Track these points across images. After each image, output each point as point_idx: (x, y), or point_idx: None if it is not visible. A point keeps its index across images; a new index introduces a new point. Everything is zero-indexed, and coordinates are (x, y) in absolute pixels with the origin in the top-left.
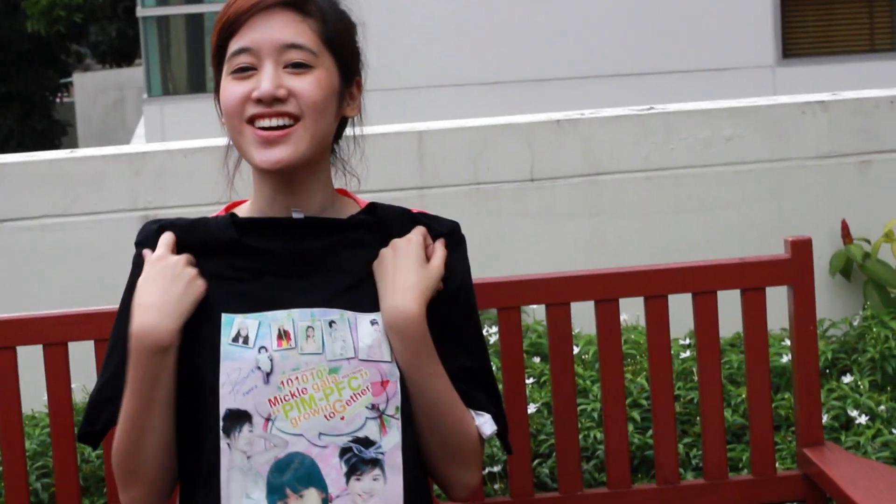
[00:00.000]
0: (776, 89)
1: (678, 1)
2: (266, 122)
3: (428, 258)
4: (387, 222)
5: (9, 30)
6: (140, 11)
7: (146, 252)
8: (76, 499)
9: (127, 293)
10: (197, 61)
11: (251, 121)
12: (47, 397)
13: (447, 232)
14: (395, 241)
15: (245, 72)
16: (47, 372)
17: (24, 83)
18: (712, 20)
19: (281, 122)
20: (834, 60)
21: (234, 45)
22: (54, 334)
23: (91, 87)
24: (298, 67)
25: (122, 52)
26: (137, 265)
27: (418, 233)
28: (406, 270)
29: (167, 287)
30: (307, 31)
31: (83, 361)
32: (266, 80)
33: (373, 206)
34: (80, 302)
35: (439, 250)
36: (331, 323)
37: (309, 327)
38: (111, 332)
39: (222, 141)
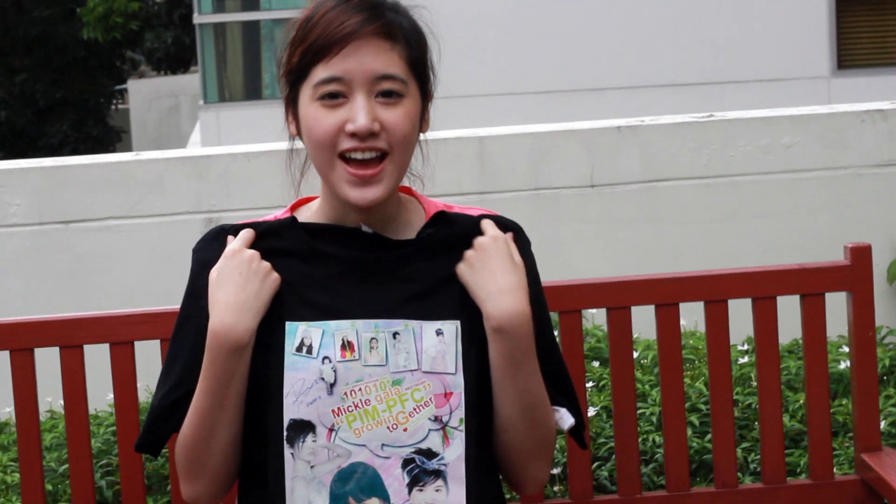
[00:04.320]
0: (831, 100)
1: (734, 11)
2: (359, 156)
3: None
4: (454, 234)
5: (65, 36)
6: (197, 18)
7: (229, 238)
8: (141, 497)
9: (189, 299)
10: (253, 68)
11: (342, 153)
12: (113, 396)
13: (516, 233)
14: (481, 242)
15: (335, 99)
16: (114, 371)
17: (79, 89)
18: (768, 31)
19: (373, 154)
20: (889, 71)
21: (322, 72)
22: (121, 333)
23: (146, 94)
24: (390, 97)
25: (177, 59)
26: (197, 272)
27: (496, 230)
28: (505, 271)
29: (243, 284)
30: (396, 59)
31: (149, 361)
32: (362, 115)
33: (439, 217)
34: (144, 303)
35: (514, 246)
36: (395, 334)
37: (373, 338)
38: (172, 338)
39: (285, 145)
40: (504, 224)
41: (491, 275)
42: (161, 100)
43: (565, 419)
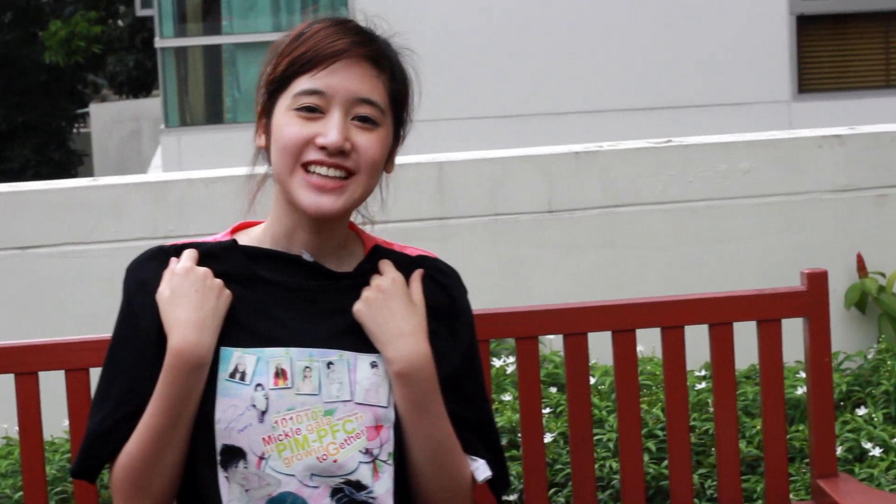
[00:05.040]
0: (792, 124)
1: (694, 36)
2: (323, 171)
3: None
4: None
5: (26, 59)
6: (158, 42)
7: (172, 260)
8: None
9: (126, 320)
10: (214, 92)
11: (306, 165)
12: (69, 422)
13: (452, 279)
14: (379, 283)
15: (312, 112)
16: (69, 397)
17: (40, 113)
18: (728, 55)
19: (337, 173)
20: (849, 96)
21: (305, 83)
22: (76, 360)
23: (107, 118)
24: (366, 122)
25: (139, 83)
26: (134, 291)
27: (395, 271)
28: (405, 312)
29: (201, 301)
30: (380, 87)
31: None
32: (335, 131)
33: (375, 251)
34: (100, 329)
35: (416, 287)
36: (329, 364)
37: (306, 367)
38: (107, 360)
39: (243, 171)
40: (439, 268)
41: (391, 316)
42: (123, 123)
43: (481, 470)
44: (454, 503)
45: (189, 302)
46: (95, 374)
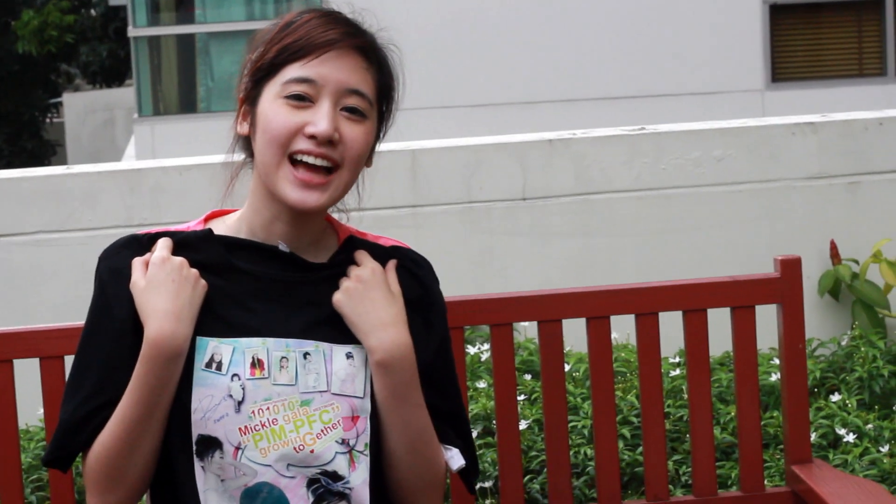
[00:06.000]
0: (765, 113)
1: (667, 25)
2: (310, 160)
3: None
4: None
5: None
6: (131, 31)
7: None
8: None
9: (99, 310)
10: (188, 82)
11: (293, 155)
12: (43, 410)
13: (424, 268)
14: (359, 273)
15: (301, 101)
16: (44, 386)
17: (13, 103)
18: (702, 44)
19: (323, 163)
20: (823, 85)
21: (295, 71)
22: (51, 348)
23: (81, 107)
24: (354, 114)
25: (112, 73)
26: (108, 280)
27: (373, 262)
28: (385, 302)
29: (177, 291)
30: (369, 80)
31: None
32: (325, 120)
33: (349, 242)
34: (75, 317)
35: (392, 278)
36: (305, 354)
37: (283, 357)
38: (80, 349)
39: (218, 158)
40: (412, 258)
41: (372, 305)
42: (96, 113)
43: (455, 459)
44: (429, 492)
45: (166, 291)
46: (70, 362)
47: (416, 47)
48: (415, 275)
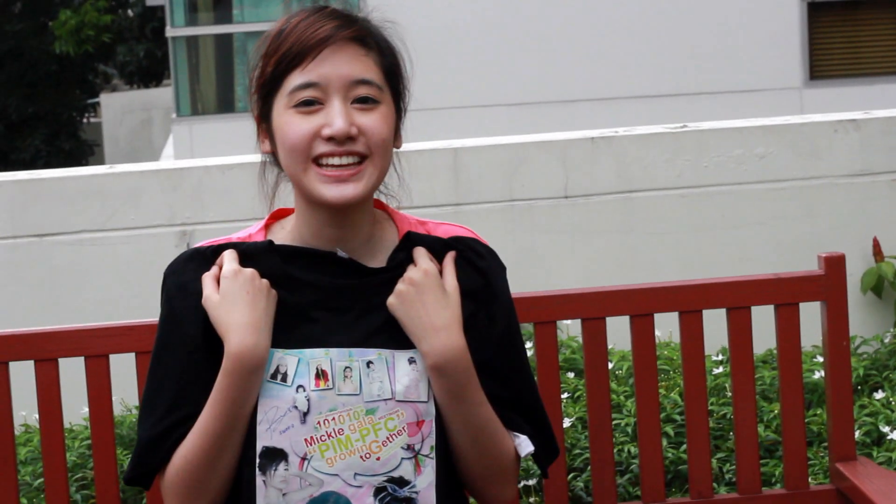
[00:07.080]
0: (803, 110)
1: (706, 23)
2: (336, 161)
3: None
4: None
5: (37, 50)
6: (169, 31)
7: (213, 270)
8: None
9: (169, 325)
10: (225, 81)
11: (317, 159)
12: (88, 409)
13: (488, 260)
14: (411, 276)
15: (310, 106)
16: (89, 384)
17: (51, 103)
18: (740, 42)
19: (350, 160)
20: (861, 82)
21: (297, 79)
22: (96, 346)
23: (118, 108)
24: (366, 103)
25: (149, 73)
26: (174, 295)
27: (428, 262)
28: (438, 305)
29: (253, 303)
30: (371, 65)
31: (123, 374)
32: (339, 118)
33: (407, 238)
34: (118, 316)
35: (450, 273)
36: (368, 363)
37: (347, 367)
38: (153, 366)
39: (259, 157)
40: (474, 249)
41: (424, 309)
42: (133, 113)
43: (524, 446)
44: (499, 479)
45: (242, 304)
46: (115, 360)
47: (456, 47)
48: (476, 266)
